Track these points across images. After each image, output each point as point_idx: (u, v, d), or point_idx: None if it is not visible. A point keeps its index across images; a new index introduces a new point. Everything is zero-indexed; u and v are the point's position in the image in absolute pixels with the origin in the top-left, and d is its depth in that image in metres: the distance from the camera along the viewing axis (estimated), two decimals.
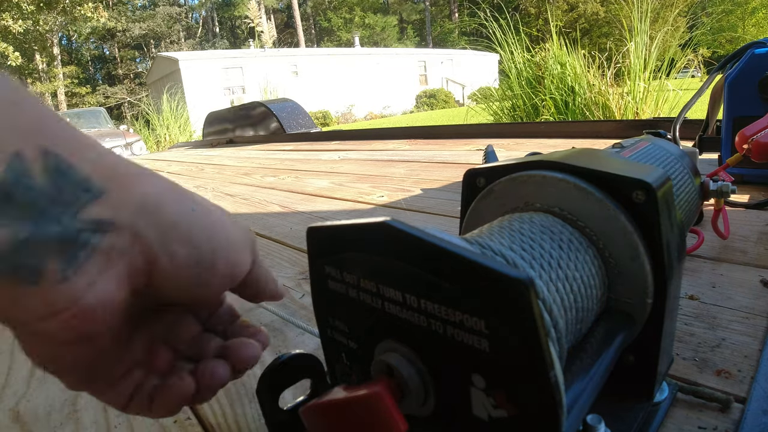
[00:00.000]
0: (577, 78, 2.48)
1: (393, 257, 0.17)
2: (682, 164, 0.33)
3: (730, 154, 0.67)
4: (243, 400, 0.32)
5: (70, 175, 0.18)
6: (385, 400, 0.17)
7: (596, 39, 12.46)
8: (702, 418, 0.26)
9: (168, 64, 15.51)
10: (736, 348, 0.31)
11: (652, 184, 0.21)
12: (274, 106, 3.03)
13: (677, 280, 0.23)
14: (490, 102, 3.04)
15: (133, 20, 24.76)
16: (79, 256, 0.18)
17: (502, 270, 0.14)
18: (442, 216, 0.74)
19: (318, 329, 0.23)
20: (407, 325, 0.18)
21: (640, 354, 0.24)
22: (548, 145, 1.37)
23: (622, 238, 0.22)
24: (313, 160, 1.70)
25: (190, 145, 3.90)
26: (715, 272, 0.43)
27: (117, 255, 0.19)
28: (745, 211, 0.59)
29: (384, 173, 1.20)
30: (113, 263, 0.19)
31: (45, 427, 0.32)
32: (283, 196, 1.07)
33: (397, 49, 22.55)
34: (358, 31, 26.17)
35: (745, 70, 0.66)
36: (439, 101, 15.97)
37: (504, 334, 0.15)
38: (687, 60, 2.62)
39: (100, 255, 0.19)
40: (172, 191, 0.21)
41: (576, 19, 16.99)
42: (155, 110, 6.53)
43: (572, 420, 0.17)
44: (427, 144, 1.74)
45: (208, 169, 1.89)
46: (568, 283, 0.20)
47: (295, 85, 15.10)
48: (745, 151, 0.46)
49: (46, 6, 12.78)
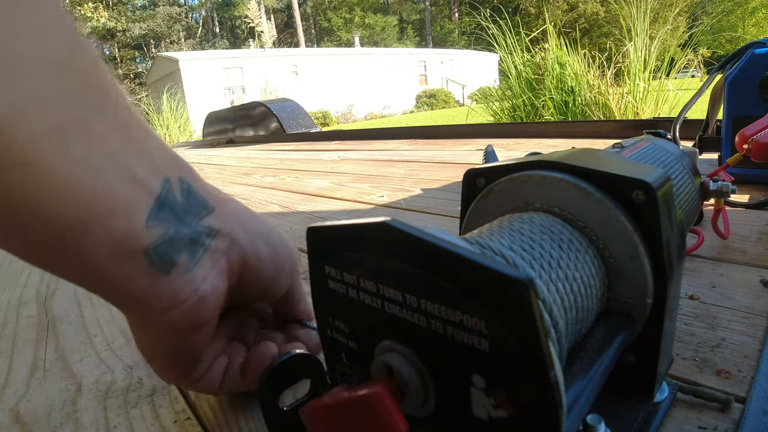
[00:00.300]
0: (577, 78, 2.48)
1: (393, 257, 0.17)
2: (682, 164, 0.33)
3: (730, 154, 0.67)
4: (243, 400, 0.32)
5: (195, 196, 0.25)
6: (385, 400, 0.17)
7: (596, 39, 12.46)
8: (702, 418, 0.26)
9: (168, 64, 15.52)
10: (736, 348, 0.31)
11: (652, 184, 0.21)
12: (274, 106, 3.03)
13: (677, 280, 0.23)
14: (490, 102, 3.04)
15: (133, 20, 24.76)
16: (198, 252, 0.24)
17: (502, 270, 0.14)
18: (442, 216, 0.74)
19: (318, 329, 0.24)
20: (407, 325, 0.18)
21: (640, 354, 0.24)
22: (548, 145, 1.37)
23: (622, 238, 0.22)
24: (313, 160, 1.70)
25: (190, 145, 3.90)
26: (715, 272, 0.43)
27: (220, 254, 0.25)
28: (745, 211, 0.59)
29: (384, 173, 1.20)
30: (217, 261, 0.25)
31: (45, 427, 0.32)
32: (283, 196, 1.07)
33: (397, 49, 22.55)
34: (358, 31, 26.18)
35: (745, 70, 0.66)
36: (439, 101, 15.97)
37: (504, 334, 0.15)
38: (687, 60, 2.62)
39: (210, 253, 0.25)
40: (250, 211, 0.29)
41: (576, 19, 16.99)
42: (155, 110, 6.52)
43: (572, 420, 0.17)
44: (427, 144, 1.74)
45: (208, 169, 1.89)
46: (568, 283, 0.20)
47: (295, 85, 15.11)
48: (745, 151, 0.46)
49: None
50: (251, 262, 0.27)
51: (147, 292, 0.22)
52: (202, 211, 0.25)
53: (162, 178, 0.23)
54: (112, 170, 0.21)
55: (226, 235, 0.25)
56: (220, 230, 0.25)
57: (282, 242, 0.29)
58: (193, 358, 0.27)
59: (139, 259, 0.22)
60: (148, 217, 0.22)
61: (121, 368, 0.38)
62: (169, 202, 0.23)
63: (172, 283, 0.23)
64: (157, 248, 0.22)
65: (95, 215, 0.20)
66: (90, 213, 0.20)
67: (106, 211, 0.20)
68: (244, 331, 0.32)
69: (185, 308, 0.23)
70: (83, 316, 0.50)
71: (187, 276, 0.23)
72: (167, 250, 0.22)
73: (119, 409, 0.33)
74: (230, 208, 0.27)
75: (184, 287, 0.23)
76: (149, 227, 0.22)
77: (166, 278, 0.22)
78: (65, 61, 0.20)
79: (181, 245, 0.23)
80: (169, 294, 0.23)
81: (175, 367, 0.27)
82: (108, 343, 0.43)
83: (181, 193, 0.24)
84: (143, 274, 0.22)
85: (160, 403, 0.33)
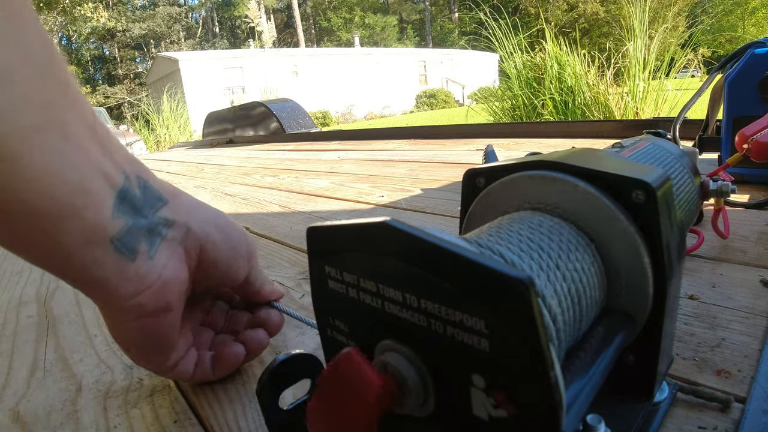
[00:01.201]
0: (576, 78, 2.48)
1: (393, 257, 0.17)
2: (682, 164, 0.33)
3: (729, 154, 0.67)
4: (243, 400, 0.32)
5: (151, 190, 0.27)
6: (355, 358, 0.17)
7: (596, 39, 12.46)
8: (702, 417, 0.26)
9: (168, 64, 15.51)
10: (736, 348, 0.31)
11: (651, 184, 0.21)
12: (274, 106, 3.03)
13: (677, 280, 0.23)
14: (490, 102, 3.04)
15: (133, 20, 24.77)
16: (156, 242, 0.26)
17: (501, 270, 0.14)
18: (442, 216, 0.74)
19: (318, 329, 0.24)
20: (407, 325, 0.18)
21: (640, 354, 0.24)
22: (548, 145, 1.37)
23: (622, 238, 0.22)
24: (313, 160, 1.70)
25: (190, 145, 3.90)
26: (715, 272, 0.43)
27: (177, 243, 0.28)
28: (745, 210, 0.59)
29: (384, 173, 1.20)
30: (175, 249, 0.28)
31: (45, 427, 0.32)
32: (283, 196, 1.07)
33: (397, 49, 22.55)
34: (358, 31, 26.18)
35: (745, 70, 0.66)
36: (439, 101, 15.97)
37: (504, 334, 0.15)
38: (687, 60, 2.62)
39: (167, 242, 0.27)
40: (200, 202, 0.31)
41: (576, 19, 16.98)
42: (155, 110, 6.52)
43: (572, 420, 0.17)
44: (427, 144, 1.74)
45: (207, 169, 1.89)
46: (567, 283, 0.20)
47: (295, 85, 15.11)
48: (745, 151, 0.46)
49: (45, 6, 12.78)
50: (207, 247, 0.29)
51: (114, 278, 0.25)
52: (157, 204, 0.27)
53: (123, 174, 0.25)
54: (86, 165, 0.23)
55: (181, 225, 0.28)
56: (175, 220, 0.28)
57: (233, 227, 0.31)
58: (166, 343, 0.29)
59: (107, 247, 0.24)
60: (113, 208, 0.24)
61: (121, 368, 0.38)
62: (129, 196, 0.25)
63: (138, 269, 0.25)
64: (121, 237, 0.24)
65: (71, 206, 0.22)
66: (66, 204, 0.22)
67: (80, 202, 0.23)
68: (213, 317, 0.35)
69: (151, 292, 0.26)
70: (83, 316, 0.50)
71: (149, 262, 0.26)
72: (130, 239, 0.25)
73: (119, 409, 0.33)
74: (183, 200, 0.29)
75: (149, 272, 0.26)
76: (114, 218, 0.24)
77: (132, 264, 0.25)
78: (46, 70, 0.22)
79: (140, 235, 0.25)
80: (136, 279, 0.25)
81: (150, 352, 0.29)
82: (108, 343, 0.43)
83: (138, 187, 0.26)
84: (110, 261, 0.24)
85: (160, 403, 0.33)
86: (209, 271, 0.30)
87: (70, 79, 0.24)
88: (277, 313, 0.36)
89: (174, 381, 0.35)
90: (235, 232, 0.31)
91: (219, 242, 0.30)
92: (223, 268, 0.30)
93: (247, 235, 0.32)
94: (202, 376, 0.32)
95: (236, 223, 0.32)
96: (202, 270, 0.30)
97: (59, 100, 0.23)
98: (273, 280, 0.50)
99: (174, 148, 4.04)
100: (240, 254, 0.31)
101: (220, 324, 0.35)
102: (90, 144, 0.24)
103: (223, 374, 0.33)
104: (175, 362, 0.30)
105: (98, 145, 0.24)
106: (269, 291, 0.36)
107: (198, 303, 0.34)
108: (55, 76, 0.23)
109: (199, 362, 0.32)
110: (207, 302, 0.35)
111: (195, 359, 0.32)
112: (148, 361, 0.30)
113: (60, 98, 0.23)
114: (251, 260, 0.33)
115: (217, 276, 0.31)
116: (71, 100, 0.23)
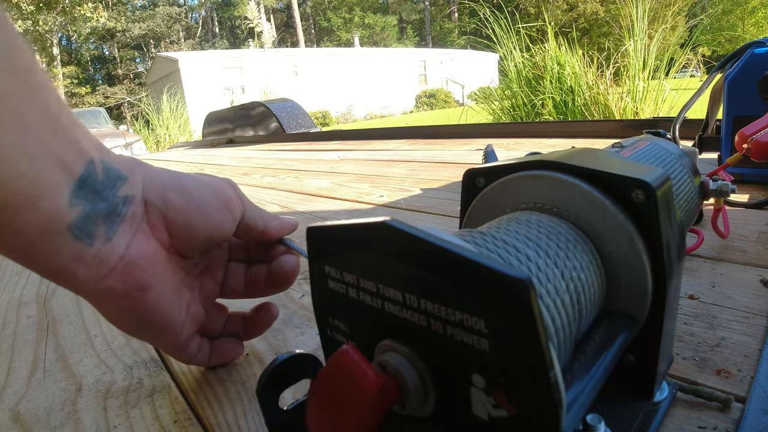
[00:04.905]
0: (576, 78, 2.47)
1: (393, 257, 0.17)
2: (682, 164, 0.33)
3: (729, 154, 0.67)
4: (243, 400, 0.32)
5: (113, 170, 0.27)
6: (351, 355, 0.17)
7: (596, 39, 12.45)
8: (702, 417, 0.26)
9: (168, 64, 15.51)
10: (736, 347, 0.31)
11: (651, 184, 0.21)
12: (273, 106, 3.02)
13: (677, 279, 0.23)
14: (489, 102, 3.04)
15: (133, 20, 24.76)
16: (115, 222, 0.26)
17: (501, 270, 0.14)
18: (442, 216, 0.74)
19: (318, 329, 0.24)
20: (407, 325, 0.18)
21: (640, 353, 0.24)
22: (548, 145, 1.37)
23: (622, 238, 0.22)
24: (313, 160, 1.70)
25: (190, 145, 3.90)
26: (715, 272, 0.43)
27: (140, 219, 0.27)
28: (744, 210, 0.59)
29: (384, 173, 1.20)
30: (139, 226, 0.27)
31: (45, 427, 0.32)
32: (283, 196, 1.07)
33: (397, 49, 22.55)
34: (358, 31, 26.17)
35: (744, 70, 0.66)
36: (439, 101, 15.98)
37: (504, 334, 0.15)
38: (686, 59, 2.61)
39: (128, 221, 0.27)
40: (160, 169, 0.30)
41: (575, 19, 16.98)
42: (155, 110, 6.52)
43: (572, 419, 0.17)
44: (427, 144, 1.74)
45: (208, 169, 1.89)
46: (565, 282, 0.20)
47: (294, 85, 15.10)
48: (745, 151, 0.46)
49: (45, 6, 12.78)
50: (169, 215, 0.28)
51: (75, 264, 0.25)
52: (117, 183, 0.27)
53: (86, 160, 0.25)
54: (42, 157, 0.23)
55: (140, 200, 0.28)
56: (134, 196, 0.27)
57: (198, 183, 0.30)
58: (163, 322, 0.29)
59: (64, 235, 0.24)
60: (69, 196, 0.24)
61: (121, 368, 0.38)
62: (90, 181, 0.25)
63: (97, 253, 0.25)
64: (78, 223, 0.24)
65: (27, 197, 0.22)
66: (23, 195, 0.22)
67: (36, 193, 0.23)
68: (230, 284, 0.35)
69: (117, 274, 0.26)
70: (83, 316, 0.50)
71: (108, 245, 0.26)
72: (86, 225, 0.25)
73: (119, 410, 0.33)
74: (139, 171, 0.28)
75: (110, 255, 0.26)
76: (71, 206, 0.24)
77: (91, 249, 0.25)
78: (4, 60, 0.22)
79: (98, 218, 0.25)
80: (96, 263, 0.25)
81: (153, 334, 0.30)
82: (108, 343, 0.43)
83: (102, 171, 0.26)
84: (69, 248, 0.24)
85: (160, 403, 0.33)
86: (187, 236, 0.29)
87: (34, 64, 0.23)
88: (289, 258, 0.35)
89: (174, 381, 0.36)
90: (198, 189, 0.30)
91: (181, 206, 0.28)
92: (200, 228, 0.29)
93: (218, 186, 0.31)
94: (199, 364, 0.34)
95: (204, 177, 0.31)
96: (177, 238, 0.29)
97: (18, 90, 0.22)
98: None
99: (174, 148, 4.04)
100: (212, 208, 0.30)
101: (240, 289, 0.35)
102: (50, 134, 0.23)
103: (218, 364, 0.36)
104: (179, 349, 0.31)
105: (60, 133, 0.24)
106: (276, 227, 0.34)
107: (205, 274, 0.33)
108: (14, 63, 0.22)
109: (199, 352, 0.33)
110: (217, 271, 0.34)
111: (197, 349, 0.33)
112: (159, 343, 0.31)
113: (19, 87, 0.22)
114: (232, 208, 0.31)
115: (199, 238, 0.30)
116: (33, 87, 0.23)
